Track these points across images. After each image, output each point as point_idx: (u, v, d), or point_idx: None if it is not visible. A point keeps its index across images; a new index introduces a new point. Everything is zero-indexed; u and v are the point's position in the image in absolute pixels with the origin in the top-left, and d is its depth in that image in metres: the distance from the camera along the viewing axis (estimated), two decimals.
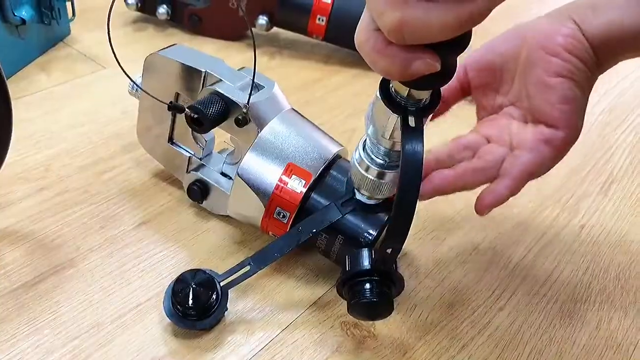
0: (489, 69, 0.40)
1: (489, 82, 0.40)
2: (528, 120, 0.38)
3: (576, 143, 0.39)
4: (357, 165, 0.37)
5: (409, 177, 0.29)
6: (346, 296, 0.37)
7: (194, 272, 0.39)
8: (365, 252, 0.36)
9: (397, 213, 0.30)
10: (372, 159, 0.36)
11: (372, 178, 0.37)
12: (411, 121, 0.30)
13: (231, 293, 0.43)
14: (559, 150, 0.37)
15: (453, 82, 0.41)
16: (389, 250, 0.33)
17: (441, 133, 0.45)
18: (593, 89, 0.38)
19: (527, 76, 0.37)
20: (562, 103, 0.36)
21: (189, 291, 0.38)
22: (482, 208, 0.37)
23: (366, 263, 0.36)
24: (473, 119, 0.44)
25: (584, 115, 0.37)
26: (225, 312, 0.41)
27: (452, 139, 0.42)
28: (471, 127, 0.43)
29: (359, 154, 0.37)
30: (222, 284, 0.40)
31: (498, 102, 0.41)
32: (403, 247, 0.48)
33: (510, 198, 0.38)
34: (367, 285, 0.35)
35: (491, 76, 0.40)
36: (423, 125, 0.30)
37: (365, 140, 0.37)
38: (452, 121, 0.45)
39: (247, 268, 0.40)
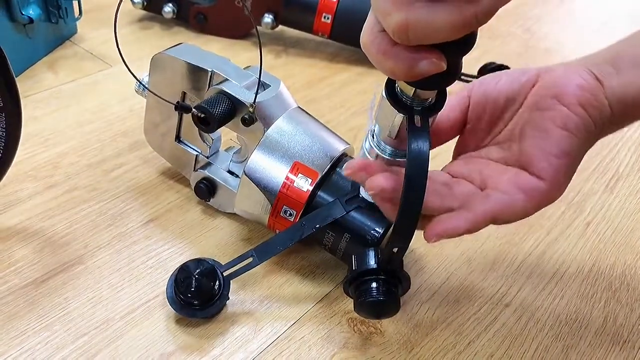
0: (490, 107, 0.36)
1: (483, 121, 0.36)
2: (510, 163, 0.34)
3: None
4: (367, 154, 0.37)
5: (415, 176, 0.29)
6: (353, 295, 0.37)
7: (197, 262, 0.40)
8: (371, 252, 0.36)
9: (403, 212, 0.30)
10: (381, 148, 0.36)
11: None
12: (417, 121, 0.30)
13: (238, 289, 0.43)
14: (534, 202, 0.32)
15: (456, 112, 0.36)
16: (395, 249, 0.33)
17: None
18: None
19: (529, 120, 0.34)
20: (557, 157, 0.32)
21: (192, 280, 0.39)
22: (430, 235, 0.32)
23: (372, 262, 0.36)
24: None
25: (573, 174, 0.33)
26: (229, 304, 0.41)
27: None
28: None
29: (369, 142, 0.37)
30: (224, 274, 0.40)
31: (484, 143, 0.37)
32: (412, 245, 0.48)
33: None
34: (374, 284, 0.36)
35: (488, 115, 0.36)
36: (429, 125, 0.30)
37: (374, 129, 0.37)
38: None
39: (250, 259, 0.41)
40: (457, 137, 0.38)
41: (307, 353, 0.40)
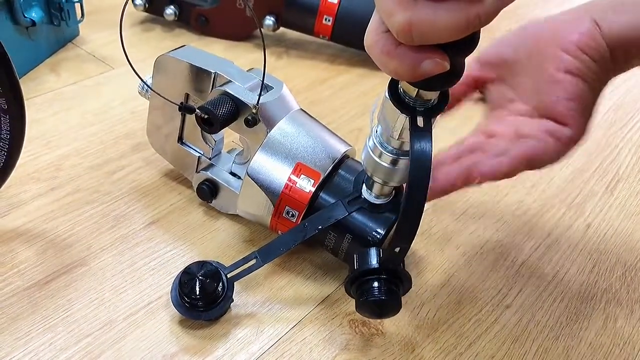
0: (502, 64, 0.40)
1: (501, 76, 0.41)
2: (535, 115, 0.38)
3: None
4: (370, 152, 0.37)
5: (418, 176, 0.29)
6: (354, 294, 0.38)
7: (201, 264, 0.40)
8: (373, 251, 0.37)
9: (405, 212, 0.30)
10: (384, 146, 0.36)
11: (386, 165, 0.37)
12: (420, 121, 0.30)
13: (240, 290, 0.43)
14: (563, 145, 0.36)
15: (465, 77, 0.41)
16: (397, 249, 0.34)
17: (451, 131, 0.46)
18: None
19: (538, 71, 0.37)
20: (569, 99, 0.35)
21: (195, 282, 0.39)
22: (474, 175, 0.37)
23: (374, 261, 0.36)
24: (476, 118, 0.44)
25: (591, 115, 0.37)
26: (234, 310, 0.42)
27: (456, 142, 0.42)
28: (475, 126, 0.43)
29: (373, 140, 0.37)
30: (228, 276, 0.41)
31: (508, 96, 0.41)
32: (411, 246, 0.49)
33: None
34: (375, 284, 0.36)
35: (503, 70, 0.40)
36: (432, 126, 0.30)
37: (377, 129, 0.37)
38: (460, 117, 0.46)
39: (253, 261, 0.41)
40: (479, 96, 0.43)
41: (309, 355, 0.40)
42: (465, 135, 0.42)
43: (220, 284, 0.40)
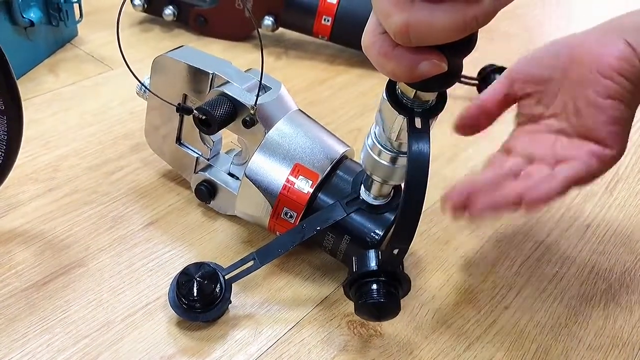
0: (535, 81, 0.41)
1: (532, 93, 0.41)
2: (573, 135, 0.39)
3: None
4: (369, 150, 0.37)
5: (416, 178, 0.29)
6: (353, 297, 0.38)
7: (199, 265, 0.40)
8: (372, 253, 0.36)
9: (403, 214, 0.30)
10: (383, 145, 0.36)
11: (385, 163, 0.37)
12: (417, 122, 0.30)
13: (238, 291, 0.43)
14: (605, 165, 0.38)
15: (498, 93, 0.42)
16: (395, 251, 0.34)
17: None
18: None
19: (577, 94, 0.38)
20: (612, 124, 0.37)
21: (193, 283, 0.39)
22: (531, 203, 0.37)
23: (373, 264, 0.36)
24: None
25: (629, 132, 0.38)
26: (233, 311, 0.41)
27: (491, 160, 0.42)
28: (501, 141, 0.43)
29: (372, 139, 0.37)
30: (226, 277, 0.41)
31: (538, 112, 0.41)
32: (412, 248, 0.48)
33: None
34: (374, 286, 0.36)
35: (536, 88, 0.41)
36: (429, 127, 0.30)
37: (375, 130, 0.37)
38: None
39: (251, 263, 0.41)
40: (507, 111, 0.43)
41: (307, 356, 0.40)
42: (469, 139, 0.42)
43: (218, 285, 0.40)
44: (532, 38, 0.88)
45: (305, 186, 0.42)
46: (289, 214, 0.42)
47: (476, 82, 0.71)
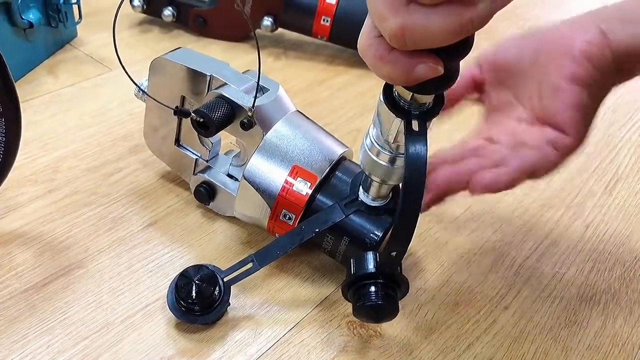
0: (504, 68, 0.40)
1: (501, 79, 0.40)
2: (535, 123, 0.38)
3: None
4: (368, 151, 0.37)
5: (413, 180, 0.29)
6: (352, 299, 0.38)
7: (197, 268, 0.40)
8: (370, 255, 0.37)
9: (401, 216, 0.30)
10: (381, 145, 0.36)
11: (384, 164, 0.37)
12: (414, 125, 0.30)
13: (238, 292, 0.43)
14: (562, 154, 0.36)
15: (465, 78, 0.41)
16: (394, 253, 0.34)
17: (446, 132, 0.46)
18: None
19: (542, 77, 0.37)
20: (572, 109, 0.35)
21: (192, 286, 0.39)
22: (475, 187, 0.36)
23: (371, 266, 0.36)
24: (473, 119, 0.44)
25: (591, 123, 0.37)
26: (232, 313, 0.42)
27: (458, 143, 0.42)
28: (473, 127, 0.43)
29: (370, 139, 0.37)
30: (225, 280, 0.41)
31: (508, 100, 0.40)
32: (411, 248, 0.48)
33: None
34: (372, 288, 0.36)
35: (505, 74, 0.40)
36: (427, 129, 0.30)
37: (373, 132, 0.37)
38: (455, 120, 0.45)
39: (250, 265, 0.41)
40: (477, 99, 0.42)
41: (307, 356, 0.40)
42: (462, 137, 0.42)
43: (217, 288, 0.40)
44: None
45: (303, 188, 0.42)
46: (288, 215, 0.43)
47: None
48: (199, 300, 0.39)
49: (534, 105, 0.38)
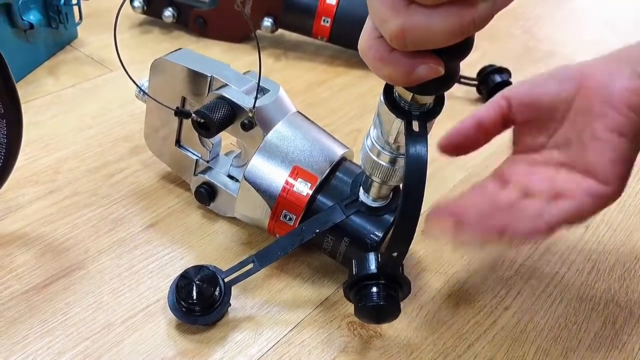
0: (536, 106, 0.38)
1: (533, 119, 0.38)
2: (574, 169, 0.36)
3: None
4: (369, 151, 0.37)
5: (414, 181, 0.29)
6: (353, 299, 0.38)
7: (198, 268, 0.40)
8: (371, 256, 0.37)
9: (402, 217, 0.30)
10: (381, 145, 0.36)
11: (385, 164, 0.37)
12: (415, 126, 0.30)
13: (238, 293, 0.43)
14: (600, 205, 0.35)
15: (494, 113, 0.39)
16: (395, 254, 0.34)
17: None
18: None
19: (582, 125, 0.35)
20: (615, 162, 0.34)
21: (193, 286, 0.39)
22: (512, 238, 0.35)
23: (373, 267, 0.36)
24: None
25: (630, 173, 0.35)
26: (233, 313, 0.42)
27: (482, 185, 0.39)
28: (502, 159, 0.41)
29: (370, 140, 0.37)
30: (225, 280, 0.41)
31: (539, 141, 0.38)
32: (411, 248, 0.48)
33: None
34: (374, 289, 0.36)
35: (537, 114, 0.38)
36: (427, 130, 0.30)
37: (374, 133, 0.37)
38: None
39: (251, 266, 0.41)
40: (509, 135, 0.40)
41: (307, 357, 0.40)
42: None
43: (218, 288, 0.40)
44: (533, 38, 0.88)
45: (304, 188, 0.42)
46: (288, 216, 0.43)
47: (475, 82, 0.71)
48: (199, 301, 0.39)
49: (574, 153, 0.36)
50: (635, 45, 0.36)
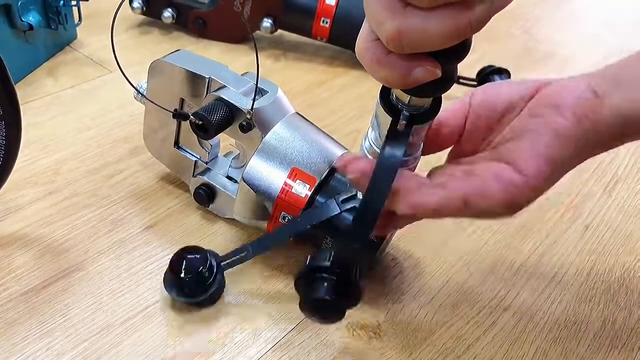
0: (488, 113, 0.35)
1: (481, 127, 0.35)
2: (497, 159, 0.33)
3: None
4: (367, 153, 0.37)
5: (381, 178, 0.29)
6: (300, 292, 0.35)
7: (191, 247, 0.41)
8: (326, 250, 0.34)
9: (361, 213, 0.29)
10: (380, 148, 0.36)
11: None
12: (400, 126, 0.30)
13: (238, 293, 0.43)
14: (508, 193, 0.30)
15: (457, 120, 0.36)
16: (348, 250, 0.32)
17: None
18: None
19: (522, 125, 0.33)
20: (543, 158, 0.31)
21: (184, 262, 0.40)
22: (403, 206, 0.31)
23: (324, 261, 0.33)
24: None
25: (554, 182, 0.32)
26: (229, 308, 0.42)
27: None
28: None
29: (369, 141, 0.37)
30: (221, 264, 0.41)
31: (479, 149, 0.36)
32: (410, 249, 0.48)
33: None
34: (322, 282, 0.33)
35: (486, 121, 0.35)
36: (410, 133, 0.30)
37: (371, 136, 0.37)
38: None
39: (245, 254, 0.41)
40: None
41: (306, 358, 0.40)
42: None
43: (208, 265, 0.41)
44: (532, 38, 0.88)
45: (302, 190, 0.42)
46: (287, 218, 0.43)
47: (475, 83, 0.71)
48: (191, 278, 0.40)
49: (502, 148, 0.33)
50: (599, 69, 0.35)
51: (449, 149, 0.37)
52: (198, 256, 0.41)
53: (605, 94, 0.32)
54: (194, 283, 0.40)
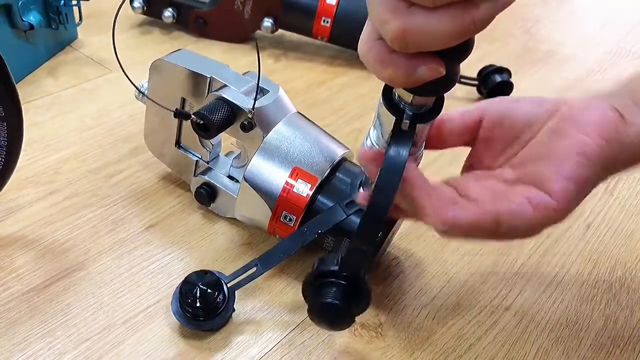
0: (507, 127, 0.35)
1: (499, 139, 0.35)
2: (522, 181, 0.32)
3: None
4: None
5: (388, 179, 0.29)
6: (308, 298, 0.35)
7: (202, 273, 0.40)
8: (333, 255, 0.34)
9: (369, 215, 0.29)
10: (382, 147, 0.36)
11: None
12: (404, 125, 0.30)
13: (239, 294, 0.43)
14: (540, 216, 0.30)
15: (466, 124, 0.36)
16: (356, 253, 0.32)
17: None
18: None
19: (546, 145, 0.32)
20: (571, 180, 0.30)
21: (196, 292, 0.39)
22: (436, 221, 0.31)
23: (333, 266, 0.33)
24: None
25: (581, 201, 0.32)
26: (233, 314, 0.42)
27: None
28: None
29: (370, 141, 0.37)
30: (229, 285, 0.40)
31: (498, 162, 0.35)
32: (412, 249, 0.48)
33: None
34: (331, 288, 0.33)
35: (505, 135, 0.35)
36: (414, 132, 0.30)
37: (373, 135, 0.37)
38: None
39: (254, 269, 0.41)
40: (468, 150, 0.37)
41: (308, 358, 0.40)
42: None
43: (221, 293, 0.40)
44: (532, 38, 0.88)
45: (304, 189, 0.42)
46: (288, 217, 0.43)
47: (476, 82, 0.71)
48: (203, 306, 0.39)
49: (527, 169, 0.33)
50: (615, 87, 0.35)
51: (449, 150, 0.37)
52: (211, 286, 0.39)
53: (628, 114, 0.32)
54: (208, 313, 0.39)
